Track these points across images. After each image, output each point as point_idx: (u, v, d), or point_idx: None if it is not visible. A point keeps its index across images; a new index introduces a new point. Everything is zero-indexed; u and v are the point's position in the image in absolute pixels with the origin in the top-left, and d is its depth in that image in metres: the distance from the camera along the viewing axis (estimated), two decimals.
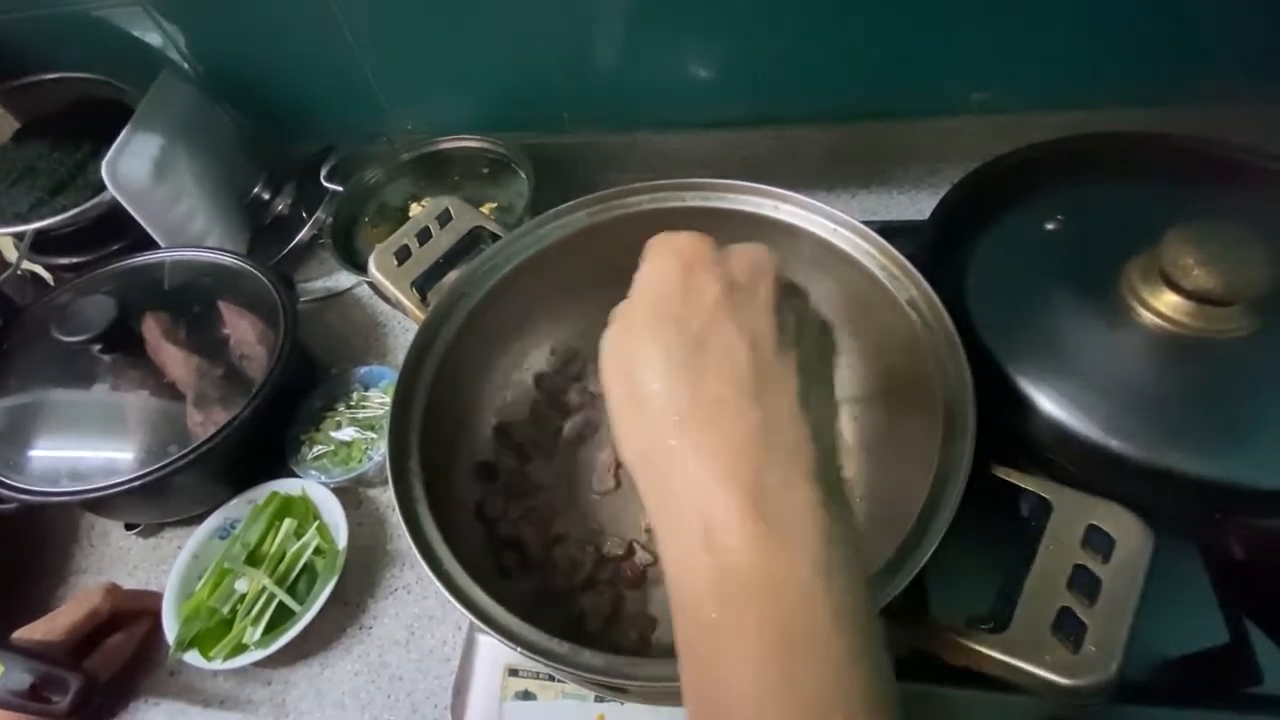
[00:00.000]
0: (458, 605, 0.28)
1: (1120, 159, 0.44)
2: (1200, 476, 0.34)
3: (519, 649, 0.25)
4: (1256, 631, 0.35)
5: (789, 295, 0.24)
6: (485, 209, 0.63)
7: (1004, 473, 0.29)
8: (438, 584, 0.28)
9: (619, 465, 0.43)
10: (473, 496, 0.39)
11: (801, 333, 0.24)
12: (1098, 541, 0.25)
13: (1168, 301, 0.37)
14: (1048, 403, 0.37)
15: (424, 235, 0.40)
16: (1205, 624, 0.37)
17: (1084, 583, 0.24)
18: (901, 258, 0.35)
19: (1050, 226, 0.43)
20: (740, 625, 0.19)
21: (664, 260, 0.24)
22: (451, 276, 0.40)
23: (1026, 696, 0.36)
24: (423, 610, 0.48)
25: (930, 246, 0.43)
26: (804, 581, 0.19)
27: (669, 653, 0.22)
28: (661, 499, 0.22)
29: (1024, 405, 0.37)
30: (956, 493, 0.26)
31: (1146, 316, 0.37)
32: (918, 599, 0.30)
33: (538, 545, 0.39)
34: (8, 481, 0.48)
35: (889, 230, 0.39)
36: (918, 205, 0.63)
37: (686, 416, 0.21)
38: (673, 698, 0.30)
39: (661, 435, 0.22)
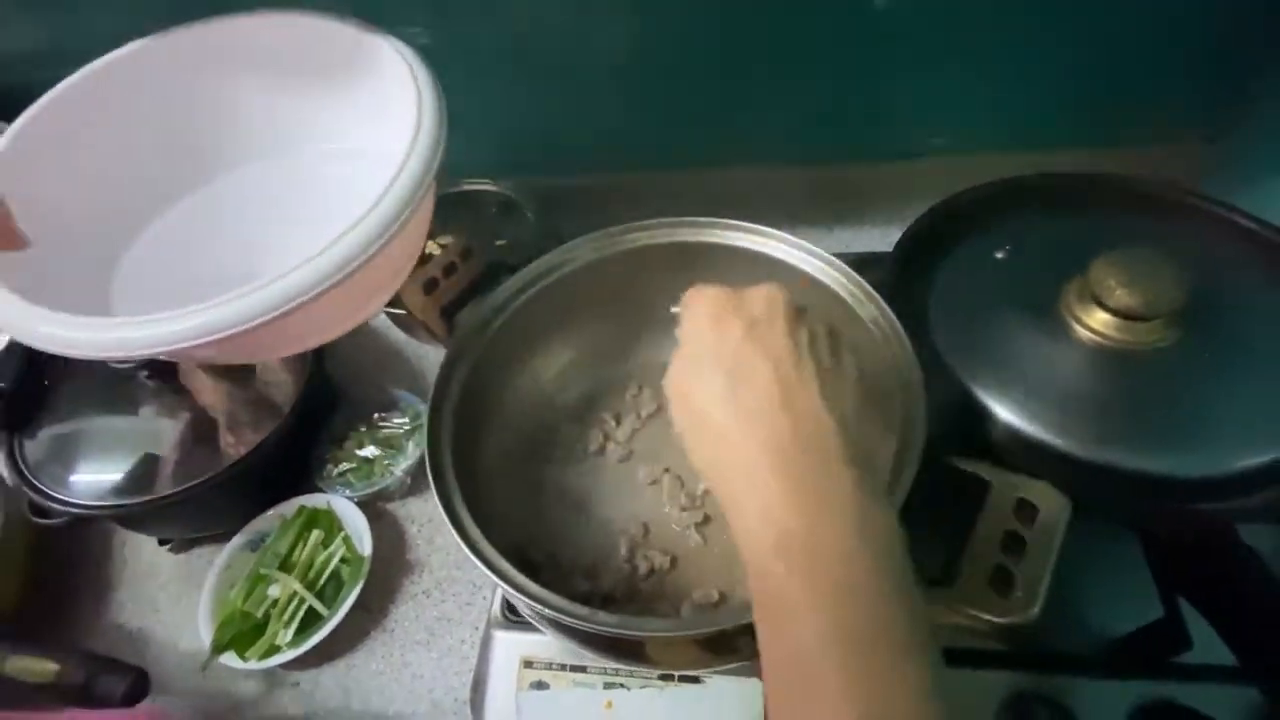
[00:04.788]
0: (489, 573, 0.32)
1: (1058, 195, 0.51)
2: (1133, 469, 0.39)
3: (546, 609, 0.30)
4: (1188, 607, 0.40)
5: (799, 318, 0.30)
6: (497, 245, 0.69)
7: (953, 460, 0.34)
8: (470, 555, 0.32)
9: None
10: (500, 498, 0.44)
11: (814, 344, 0.29)
12: (1025, 510, 0.30)
13: (1099, 319, 0.42)
14: (1001, 410, 0.42)
15: (449, 269, 0.45)
16: (1149, 604, 0.42)
17: (1013, 544, 0.29)
18: (864, 282, 0.41)
19: (999, 255, 0.48)
20: (800, 580, 0.24)
21: (696, 315, 0.30)
22: (474, 305, 0.45)
23: (993, 672, 0.40)
24: (441, 613, 0.52)
25: (895, 275, 0.49)
26: (844, 542, 0.24)
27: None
28: (728, 494, 0.27)
29: (981, 413, 0.42)
30: (910, 475, 0.31)
31: (1082, 332, 0.43)
32: None
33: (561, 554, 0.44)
34: (58, 496, 0.52)
35: (862, 261, 0.45)
36: (888, 238, 0.68)
37: (733, 429, 0.27)
38: (680, 654, 0.34)
39: (719, 446, 0.28)
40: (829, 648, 0.23)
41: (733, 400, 0.27)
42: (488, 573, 0.32)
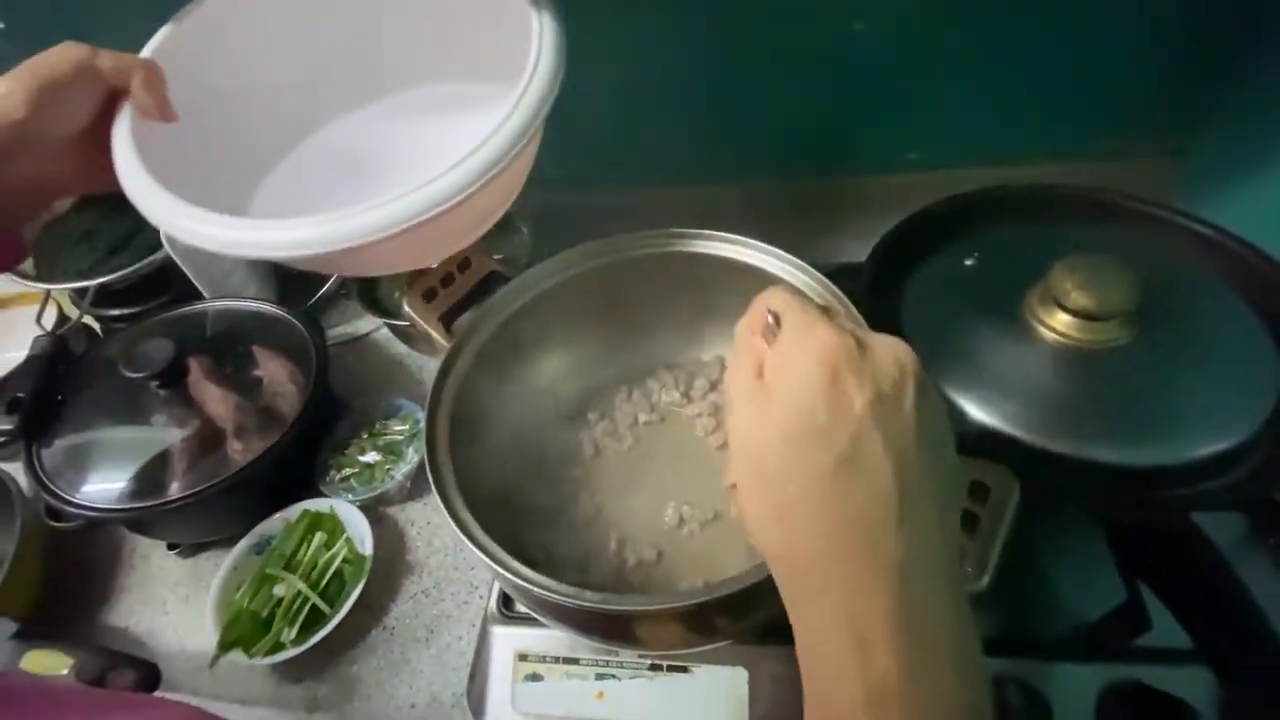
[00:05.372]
0: (484, 558, 0.34)
1: (1022, 206, 0.53)
2: (1093, 459, 0.41)
3: (535, 588, 0.32)
4: (1149, 592, 0.42)
5: (925, 390, 0.24)
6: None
7: None
8: (466, 542, 0.35)
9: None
10: (495, 495, 0.46)
11: (939, 431, 0.24)
12: (978, 491, 0.32)
13: (1059, 320, 0.45)
14: (970, 406, 0.44)
15: (448, 279, 0.48)
16: (1113, 590, 0.44)
17: (968, 521, 0.31)
18: (833, 286, 0.43)
19: (967, 263, 0.51)
20: None
21: (808, 358, 0.24)
22: (470, 312, 0.48)
23: None
24: (440, 611, 0.54)
25: (870, 282, 0.52)
26: (950, 698, 0.22)
27: None
28: (807, 596, 0.23)
29: (951, 410, 0.45)
30: None
31: (1045, 333, 0.45)
32: None
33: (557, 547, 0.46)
34: (72, 501, 0.55)
35: (841, 270, 0.47)
36: (869, 249, 0.72)
37: (833, 533, 0.22)
38: (664, 632, 0.36)
39: (804, 543, 0.23)
40: None
41: (840, 493, 0.22)
42: (483, 558, 0.34)
